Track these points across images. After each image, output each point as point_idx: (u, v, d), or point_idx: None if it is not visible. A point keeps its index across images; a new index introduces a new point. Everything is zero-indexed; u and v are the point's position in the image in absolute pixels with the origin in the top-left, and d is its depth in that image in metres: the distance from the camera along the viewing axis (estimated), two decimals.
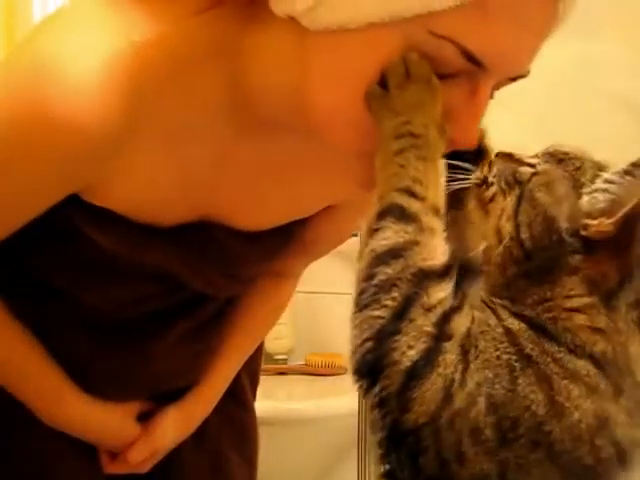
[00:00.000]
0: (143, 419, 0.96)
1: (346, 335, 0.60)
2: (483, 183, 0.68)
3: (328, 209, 0.90)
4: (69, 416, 0.90)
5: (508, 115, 0.72)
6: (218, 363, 1.00)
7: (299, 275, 1.09)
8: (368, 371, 0.57)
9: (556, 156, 0.67)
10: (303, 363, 2.18)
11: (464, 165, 0.69)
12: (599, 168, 0.65)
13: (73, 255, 0.82)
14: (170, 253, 0.81)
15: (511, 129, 0.74)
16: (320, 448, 1.90)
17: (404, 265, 0.58)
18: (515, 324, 0.61)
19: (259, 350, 1.11)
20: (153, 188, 0.75)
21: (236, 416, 1.08)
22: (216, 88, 0.71)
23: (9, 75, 0.68)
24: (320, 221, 0.92)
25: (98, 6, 0.69)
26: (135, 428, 0.94)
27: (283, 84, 0.68)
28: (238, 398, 1.08)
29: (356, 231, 1.02)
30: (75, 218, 0.77)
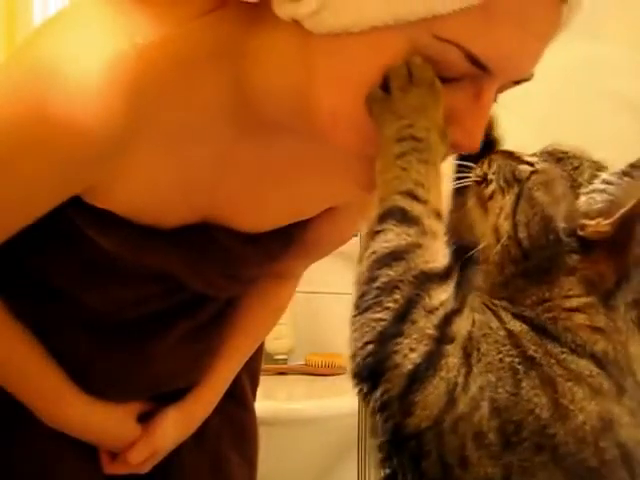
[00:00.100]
0: (143, 419, 0.95)
1: (346, 335, 0.59)
2: (483, 180, 0.68)
3: (329, 210, 0.90)
4: (69, 416, 0.90)
5: (511, 116, 0.72)
6: (218, 364, 1.00)
7: (299, 276, 1.09)
8: (369, 374, 0.57)
9: (555, 155, 0.67)
10: (303, 363, 2.18)
11: (466, 163, 0.69)
12: (598, 168, 0.65)
13: (74, 256, 0.82)
14: (171, 254, 0.81)
15: (514, 130, 0.73)
16: (320, 448, 1.90)
17: (406, 267, 0.57)
18: (517, 326, 0.61)
19: (259, 350, 1.11)
20: (154, 190, 0.75)
21: (236, 416, 1.08)
22: (218, 90, 0.70)
23: (10, 77, 0.68)
24: (321, 222, 0.91)
25: (99, 8, 0.68)
26: (135, 428, 0.94)
27: (286, 86, 0.68)
28: (238, 398, 1.08)
29: (356, 232, 1.02)
30: (76, 220, 0.77)
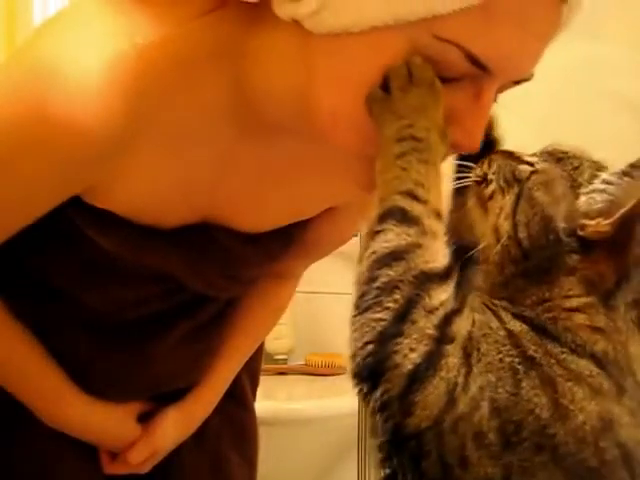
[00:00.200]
0: (143, 419, 0.95)
1: (346, 335, 0.59)
2: (483, 181, 0.68)
3: (329, 211, 0.90)
4: (69, 416, 0.90)
5: (511, 116, 0.72)
6: (218, 364, 1.00)
7: (300, 276, 1.09)
8: (369, 374, 0.57)
9: (555, 155, 0.67)
10: (303, 363, 2.18)
11: (466, 163, 0.69)
12: (598, 168, 0.65)
13: (74, 256, 0.82)
14: (171, 254, 0.81)
15: (514, 130, 0.73)
16: (320, 448, 1.90)
17: (406, 267, 0.57)
18: (517, 326, 0.61)
19: (259, 350, 1.11)
20: (155, 190, 0.75)
21: (236, 416, 1.08)
22: (219, 90, 0.70)
23: (10, 77, 0.68)
24: (321, 223, 0.91)
25: (100, 8, 0.68)
26: (135, 428, 0.94)
27: (285, 86, 0.68)
28: (238, 398, 1.08)
29: (356, 232, 1.02)
30: (76, 220, 0.77)
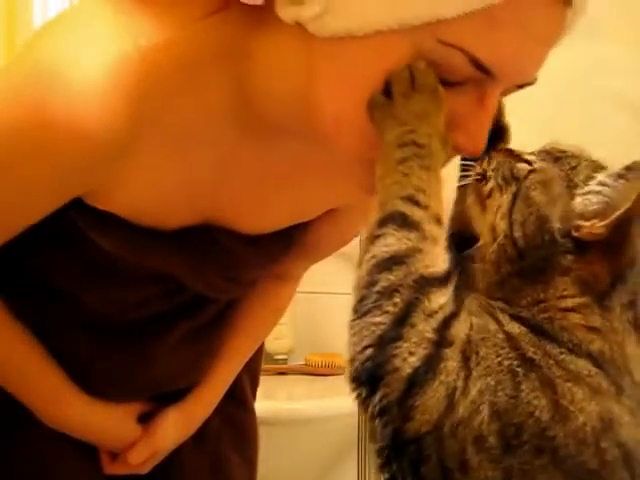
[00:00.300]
0: (144, 420, 0.95)
1: (346, 335, 0.58)
2: (482, 178, 0.68)
3: (330, 212, 0.90)
4: (69, 416, 0.90)
5: (512, 116, 0.72)
6: (219, 364, 1.00)
7: (300, 277, 1.09)
8: (367, 379, 0.56)
9: (553, 154, 0.67)
10: (303, 363, 2.18)
11: (470, 163, 0.69)
12: (596, 168, 0.65)
13: (75, 257, 0.82)
14: (173, 256, 0.80)
15: (515, 130, 0.73)
16: (320, 448, 1.90)
17: (406, 272, 0.57)
18: (515, 328, 0.61)
19: (259, 351, 1.11)
20: (157, 192, 0.74)
21: (236, 417, 1.08)
22: (222, 92, 0.70)
23: (11, 81, 0.68)
24: (321, 224, 0.91)
25: (102, 10, 0.68)
26: (135, 429, 0.94)
27: (288, 89, 0.68)
28: (238, 399, 1.08)
29: (357, 234, 1.02)
30: (77, 221, 0.77)
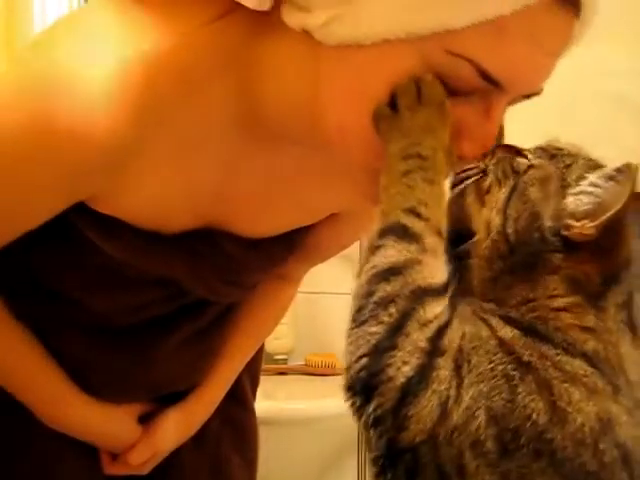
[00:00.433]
0: (144, 420, 0.95)
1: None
2: (483, 174, 0.68)
3: (331, 216, 0.90)
4: (69, 416, 0.90)
5: (512, 116, 0.72)
6: (219, 365, 1.00)
7: (300, 279, 1.09)
8: (362, 388, 0.56)
9: (548, 151, 0.67)
10: (303, 363, 2.18)
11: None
12: (592, 167, 0.65)
13: (76, 260, 0.82)
14: (174, 260, 0.80)
15: (515, 130, 0.73)
16: (320, 448, 1.90)
17: (403, 282, 0.57)
18: (508, 332, 0.60)
19: (260, 351, 1.11)
20: (159, 197, 0.74)
21: (236, 417, 1.08)
22: (226, 98, 0.70)
23: (15, 86, 0.67)
24: (323, 228, 0.91)
25: (107, 17, 0.68)
26: (136, 429, 0.94)
27: (293, 94, 0.68)
28: (239, 399, 1.08)
29: (358, 239, 1.02)
30: (79, 224, 0.76)
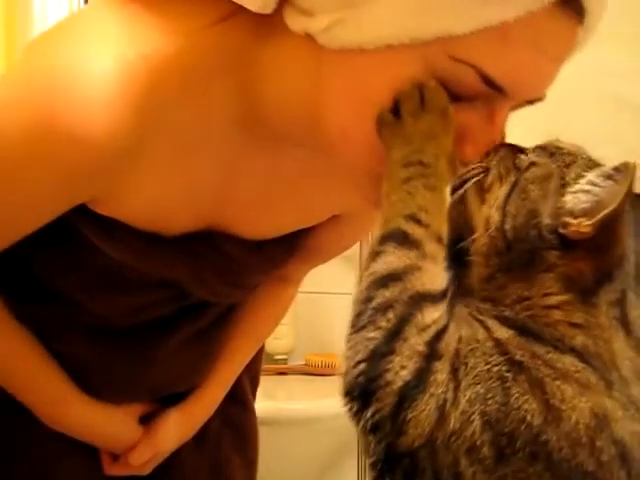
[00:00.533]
0: (145, 421, 0.95)
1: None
2: (485, 172, 0.67)
3: (332, 218, 0.90)
4: (70, 417, 0.90)
5: (512, 117, 0.72)
6: (220, 366, 1.00)
7: (300, 280, 1.09)
8: (360, 393, 0.56)
9: (548, 150, 0.67)
10: (303, 363, 2.18)
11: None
12: (592, 166, 0.65)
13: (77, 261, 0.82)
14: (175, 262, 0.80)
15: (515, 131, 0.73)
16: (320, 448, 1.90)
17: (402, 288, 0.57)
18: (504, 333, 0.60)
19: (260, 352, 1.11)
20: (160, 199, 0.74)
21: (237, 418, 1.08)
22: (227, 100, 0.70)
23: (17, 88, 0.67)
24: (324, 230, 0.91)
25: (108, 19, 0.68)
26: (137, 430, 0.94)
27: (295, 97, 0.68)
28: (239, 400, 1.08)
29: (358, 240, 1.02)
30: (80, 226, 0.76)
